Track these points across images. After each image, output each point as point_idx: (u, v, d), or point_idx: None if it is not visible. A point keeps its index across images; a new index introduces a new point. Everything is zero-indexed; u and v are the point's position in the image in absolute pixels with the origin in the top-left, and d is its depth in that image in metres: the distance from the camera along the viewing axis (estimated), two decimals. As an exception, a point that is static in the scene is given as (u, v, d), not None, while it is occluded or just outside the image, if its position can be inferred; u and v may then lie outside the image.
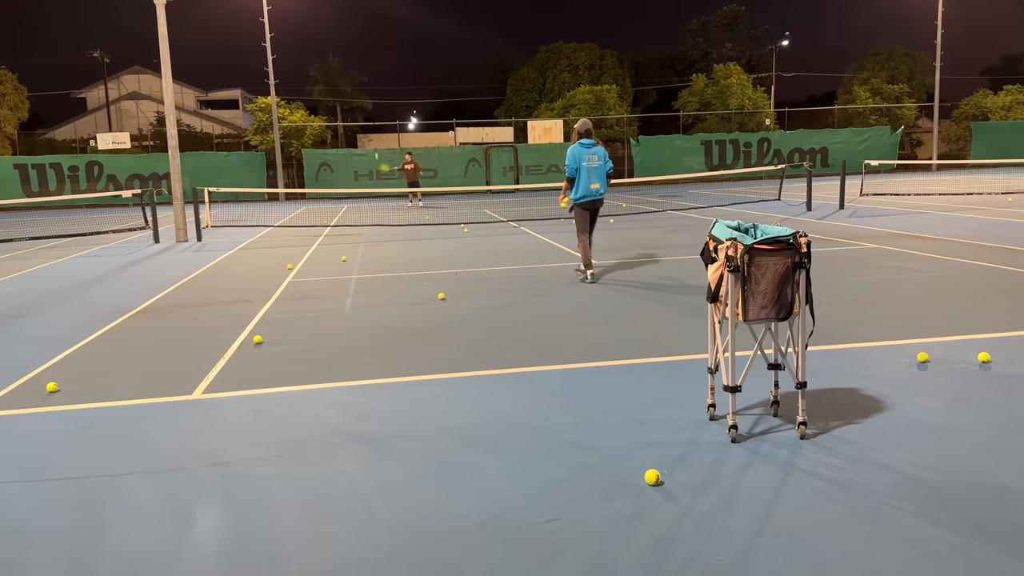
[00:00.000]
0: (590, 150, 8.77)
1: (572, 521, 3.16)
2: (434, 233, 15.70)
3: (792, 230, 3.79)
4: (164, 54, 16.11)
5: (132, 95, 52.05)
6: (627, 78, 46.65)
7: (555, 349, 5.95)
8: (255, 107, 36.01)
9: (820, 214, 16.54)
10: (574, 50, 45.57)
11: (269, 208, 28.09)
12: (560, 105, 39.32)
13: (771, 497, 3.31)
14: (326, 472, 3.77)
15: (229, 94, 56.12)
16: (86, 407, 4.92)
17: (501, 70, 53.57)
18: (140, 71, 52.89)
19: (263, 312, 7.82)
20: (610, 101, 38.36)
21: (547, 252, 11.90)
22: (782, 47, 49.66)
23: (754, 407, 4.41)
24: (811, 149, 36.99)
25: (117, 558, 3.01)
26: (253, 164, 33.84)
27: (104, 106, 48.47)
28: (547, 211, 20.56)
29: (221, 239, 15.91)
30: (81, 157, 33.09)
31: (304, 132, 35.83)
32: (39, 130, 47.97)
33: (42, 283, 10.46)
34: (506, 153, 34.81)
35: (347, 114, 50.62)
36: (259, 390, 5.16)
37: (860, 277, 8.63)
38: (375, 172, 33.83)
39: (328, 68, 49.43)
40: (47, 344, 6.72)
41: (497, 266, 10.58)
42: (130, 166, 32.68)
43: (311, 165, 33.66)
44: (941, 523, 3.03)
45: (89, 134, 41.82)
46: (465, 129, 37.52)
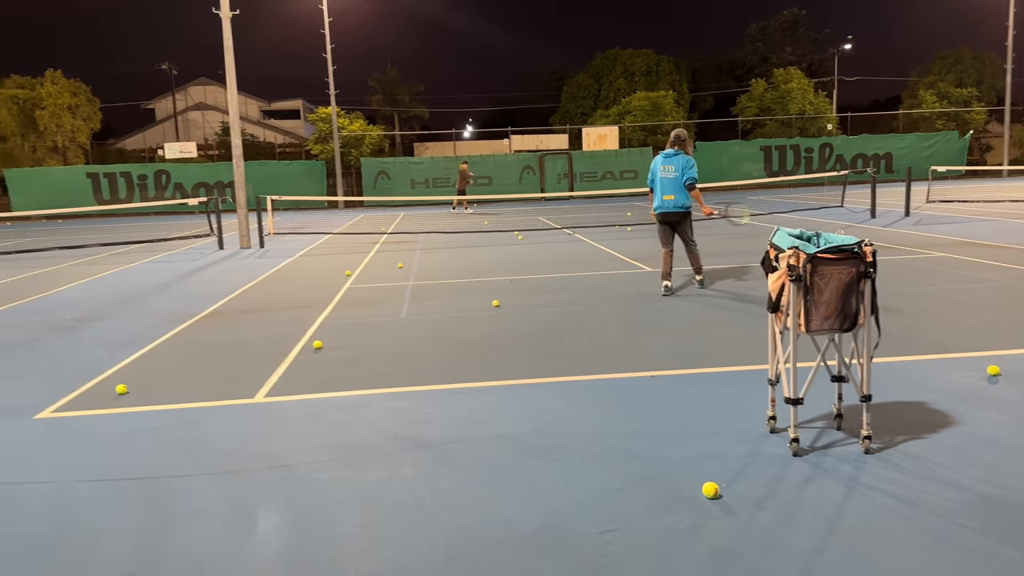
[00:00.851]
0: (669, 160, 8.55)
1: (628, 532, 3.13)
2: (488, 240, 15.77)
3: (856, 239, 3.69)
4: (229, 66, 16.57)
5: (198, 106, 53.67)
6: (684, 84, 46.16)
7: (610, 357, 5.92)
8: (316, 117, 36.74)
9: (885, 221, 16.08)
10: (630, 56, 45.31)
11: (328, 216, 28.63)
12: (615, 112, 39.13)
13: (834, 512, 3.23)
14: (383, 477, 3.82)
15: (291, 104, 57.43)
16: (153, 409, 5.08)
17: (556, 77, 53.59)
18: (206, 82, 54.51)
19: (322, 318, 7.96)
20: (666, 107, 38.00)
21: (602, 260, 11.85)
22: (844, 51, 48.52)
23: (816, 420, 4.31)
24: (875, 154, 36.00)
25: (183, 557, 3.10)
26: (313, 173, 34.53)
27: (172, 116, 50.11)
28: (602, 218, 20.48)
29: (282, 246, 16.27)
30: (150, 166, 34.22)
31: (363, 141, 36.43)
32: (110, 140, 49.84)
33: (112, 288, 10.84)
34: (560, 160, 34.77)
35: (404, 123, 51.28)
36: (318, 394, 5.26)
37: (927, 287, 8.36)
38: (431, 180, 34.15)
39: (386, 78, 50.17)
40: (117, 347, 6.97)
41: (552, 273, 10.58)
42: (196, 175, 33.66)
43: (369, 173, 34.17)
44: (1010, 542, 2.91)
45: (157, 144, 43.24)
46: (520, 136, 37.61)
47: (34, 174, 32.99)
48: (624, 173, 34.82)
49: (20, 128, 35.17)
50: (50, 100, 35.00)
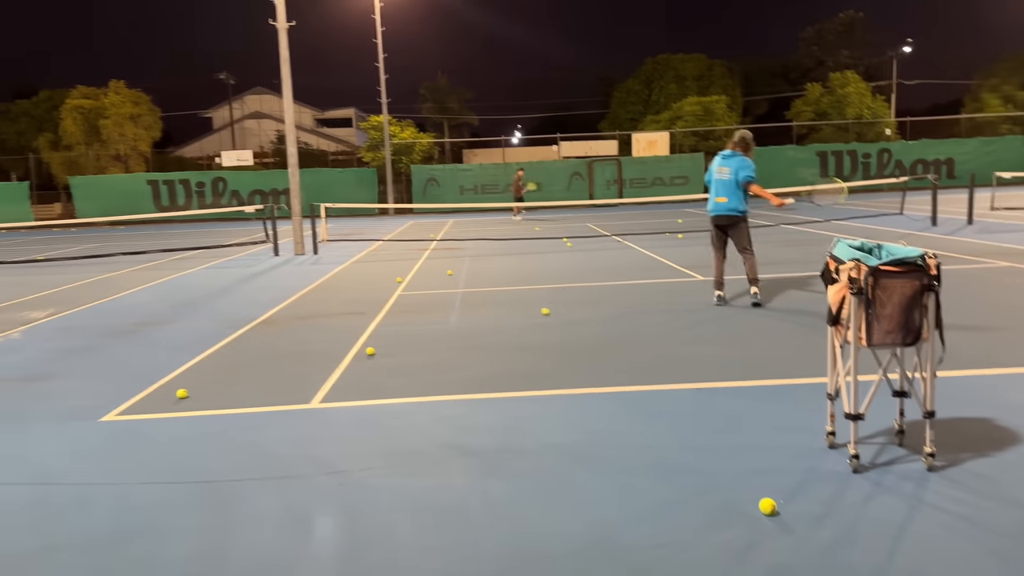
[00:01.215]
0: (726, 161, 8.33)
1: (682, 547, 3.10)
2: (537, 247, 15.79)
3: (920, 251, 3.60)
4: (285, 76, 16.93)
5: (254, 114, 54.93)
6: (737, 88, 45.57)
7: (663, 368, 5.87)
8: (368, 125, 37.28)
9: (947, 229, 15.62)
10: (681, 61, 44.93)
11: (379, 222, 29.00)
12: (666, 117, 38.83)
13: (896, 532, 3.14)
14: (435, 484, 3.85)
15: (343, 113, 58.42)
16: (213, 413, 5.21)
17: (606, 83, 53.42)
18: (262, 91, 55.79)
19: (374, 324, 8.07)
20: (719, 112, 37.56)
21: (653, 267, 11.75)
22: (903, 54, 47.33)
23: (877, 436, 4.21)
24: (936, 160, 35.01)
25: (244, 559, 3.17)
26: (365, 180, 35.02)
27: (229, 125, 51.38)
28: (652, 225, 20.32)
29: (335, 252, 16.53)
30: (207, 173, 35.12)
31: (413, 148, 36.82)
32: (169, 148, 51.33)
33: (172, 293, 11.15)
34: (609, 166, 34.63)
35: (454, 130, 51.69)
36: (372, 401, 5.33)
37: (992, 298, 8.09)
38: (480, 187, 34.33)
39: (437, 86, 50.68)
40: (177, 351, 7.16)
41: (601, 281, 10.54)
42: (252, 182, 34.44)
43: (419, 180, 34.51)
44: (1090, 570, 2.80)
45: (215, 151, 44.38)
46: (568, 143, 37.58)
47: (97, 181, 34.16)
48: (675, 179, 34.51)
49: (85, 137, 36.42)
50: (113, 110, 36.17)
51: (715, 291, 8.45)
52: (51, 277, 13.67)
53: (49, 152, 37.89)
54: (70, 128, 36.13)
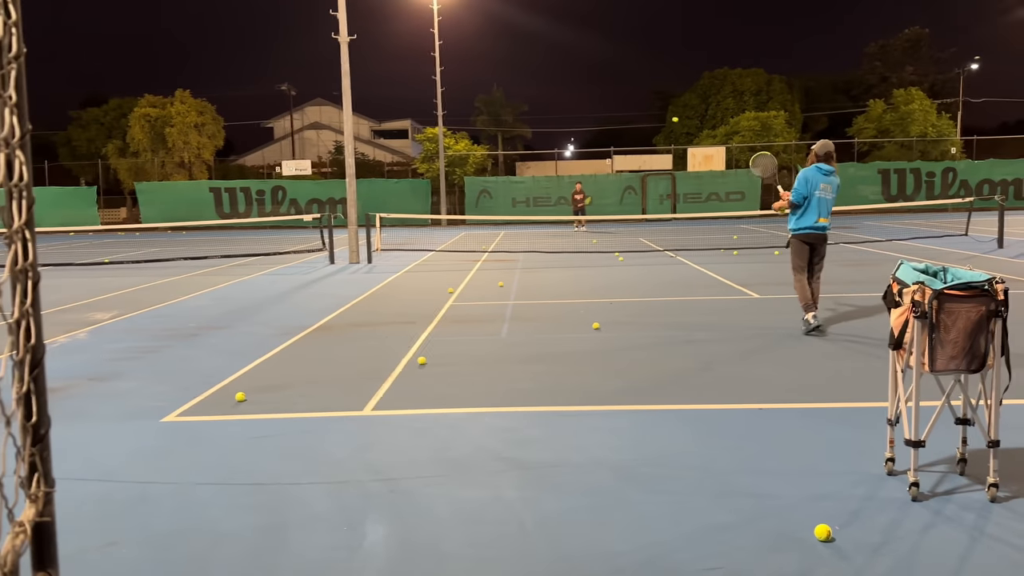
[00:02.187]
0: (827, 178, 7.59)
1: (734, 571, 3.06)
2: (588, 261, 15.75)
3: (987, 275, 3.50)
4: (345, 89, 17.27)
5: (314, 125, 56.11)
6: (796, 103, 44.86)
7: (717, 387, 5.80)
8: (423, 137, 37.76)
9: (1013, 252, 15.09)
10: (739, 76, 44.44)
11: (432, 233, 29.29)
12: (723, 132, 38.43)
13: (956, 564, 3.05)
14: (486, 496, 3.87)
15: (400, 124, 59.25)
16: (269, 417, 5.33)
17: (662, 97, 53.13)
18: (321, 103, 56.96)
19: (426, 333, 8.15)
20: (777, 127, 37.03)
21: (706, 284, 11.62)
22: (971, 71, 46.01)
23: (938, 464, 4.09)
24: (1003, 180, 33.88)
25: (297, 562, 3.23)
26: (419, 191, 35.46)
27: (289, 135, 52.58)
28: (706, 241, 20.10)
29: (389, 262, 16.76)
30: (267, 182, 35.98)
31: (467, 160, 37.15)
32: (231, 156, 52.72)
33: (232, 298, 11.44)
34: (663, 181, 34.39)
35: (507, 143, 51.99)
36: (423, 410, 5.38)
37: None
38: (532, 199, 34.45)
39: (492, 99, 51.07)
40: (235, 356, 7.35)
41: (653, 296, 10.46)
42: (310, 191, 35.16)
43: (472, 192, 34.79)
44: None
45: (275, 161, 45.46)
46: (622, 156, 37.47)
47: (162, 188, 35.28)
48: (730, 195, 34.08)
49: (151, 144, 37.66)
50: (179, 118, 37.34)
51: (807, 314, 7.67)
52: (116, 280, 14.16)
53: (117, 159, 39.26)
54: (137, 135, 37.40)
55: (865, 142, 38.48)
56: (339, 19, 16.99)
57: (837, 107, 49.18)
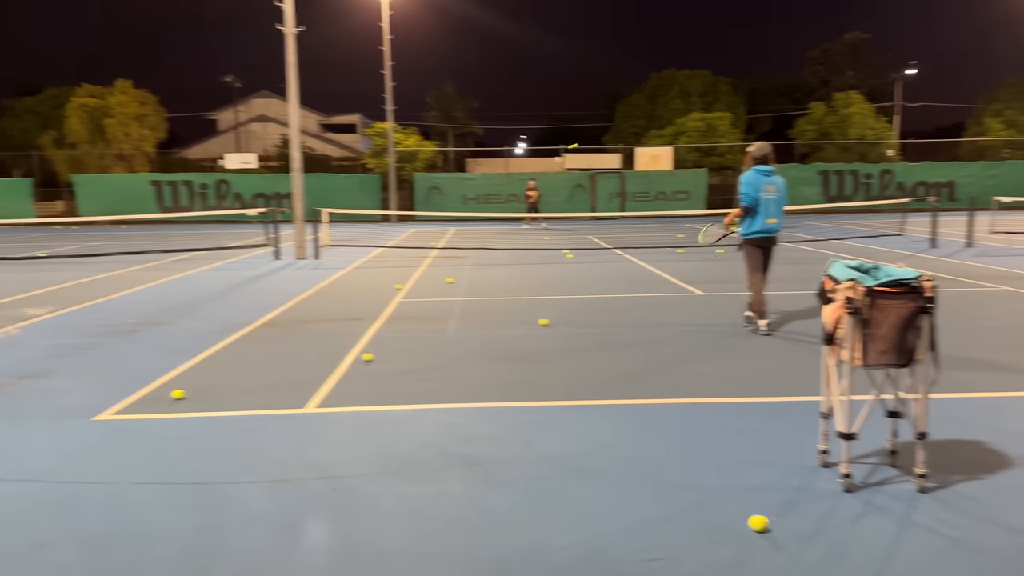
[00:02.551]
0: (769, 178, 7.60)
1: (672, 563, 3.11)
2: (538, 258, 15.81)
3: (916, 272, 3.63)
4: (291, 81, 17.00)
5: (259, 118, 55.08)
6: (741, 105, 45.75)
7: (660, 382, 5.88)
8: (372, 132, 37.40)
9: (946, 252, 15.66)
10: (686, 77, 45.12)
11: (381, 229, 29.04)
12: (670, 132, 38.96)
13: (885, 552, 3.15)
14: (430, 492, 3.85)
15: (349, 119, 58.57)
16: (209, 415, 5.22)
17: (611, 97, 53.63)
18: (267, 95, 55.94)
19: (373, 331, 8.08)
20: (722, 129, 37.69)
21: (653, 281, 11.78)
22: (908, 76, 47.53)
23: (869, 456, 4.22)
24: (937, 182, 35.10)
25: (233, 563, 3.17)
26: (368, 186, 35.10)
27: (234, 128, 51.55)
28: (653, 239, 20.36)
29: (336, 258, 16.56)
30: (211, 175, 35.18)
31: (417, 156, 36.93)
32: (174, 149, 51.41)
33: (173, 294, 11.17)
34: (612, 180, 34.72)
35: (458, 139, 51.85)
36: (368, 407, 5.34)
37: (988, 321, 8.11)
38: (483, 196, 34.44)
39: (443, 95, 50.87)
40: (174, 353, 7.18)
41: (601, 293, 10.55)
42: (255, 185, 34.50)
43: (422, 188, 34.61)
44: (1078, 596, 2.81)
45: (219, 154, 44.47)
46: (572, 155, 37.69)
47: (101, 180, 34.23)
48: (677, 194, 34.58)
49: (89, 135, 36.48)
50: (119, 109, 36.25)
51: (760, 321, 7.70)
52: (51, 274, 13.70)
53: (53, 150, 37.96)
54: (75, 126, 36.20)
55: (806, 144, 39.44)
56: (284, 10, 16.71)
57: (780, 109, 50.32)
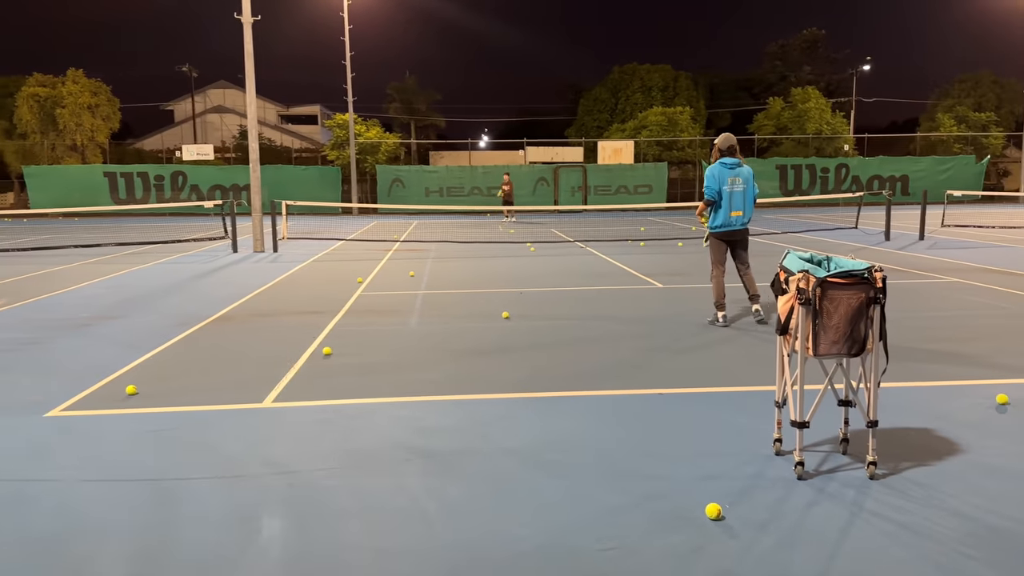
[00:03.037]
0: (734, 171, 7.58)
1: (629, 551, 3.14)
2: (501, 251, 15.81)
3: (867, 263, 3.70)
4: (249, 71, 16.73)
5: (217, 108, 54.12)
6: (701, 100, 46.22)
7: (620, 374, 5.92)
8: (333, 123, 37.00)
9: (899, 244, 16.02)
10: (648, 71, 45.44)
11: (342, 221, 28.78)
12: (632, 126, 39.20)
13: (836, 538, 3.22)
14: (389, 486, 3.83)
15: (309, 110, 57.84)
16: (163, 411, 5.13)
17: (574, 90, 53.77)
18: (225, 85, 54.98)
19: (333, 324, 8.01)
20: (683, 123, 38.04)
21: (615, 274, 11.85)
22: (863, 72, 48.45)
23: (822, 444, 4.30)
24: (891, 177, 35.90)
25: (185, 560, 3.12)
26: (328, 178, 34.74)
27: (191, 118, 50.57)
28: (615, 232, 20.49)
29: (296, 251, 16.37)
30: (167, 167, 34.53)
31: (379, 148, 36.63)
32: (128, 140, 50.28)
33: (127, 288, 10.94)
34: (575, 173, 34.85)
35: (420, 131, 51.53)
36: (327, 401, 5.29)
37: (938, 312, 8.32)
38: (445, 189, 34.31)
39: (404, 87, 50.45)
40: (129, 347, 7.03)
41: (563, 286, 10.59)
42: (213, 177, 33.94)
43: (384, 181, 34.36)
44: (1013, 574, 2.90)
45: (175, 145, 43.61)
46: (535, 148, 37.72)
47: (53, 172, 33.36)
48: (639, 187, 34.84)
49: (40, 126, 35.52)
50: (71, 99, 35.34)
51: (718, 312, 7.78)
52: (1, 268, 13.31)
53: (3, 140, 36.88)
54: (25, 116, 35.21)
55: (764, 138, 40.00)
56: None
57: (739, 104, 50.95)
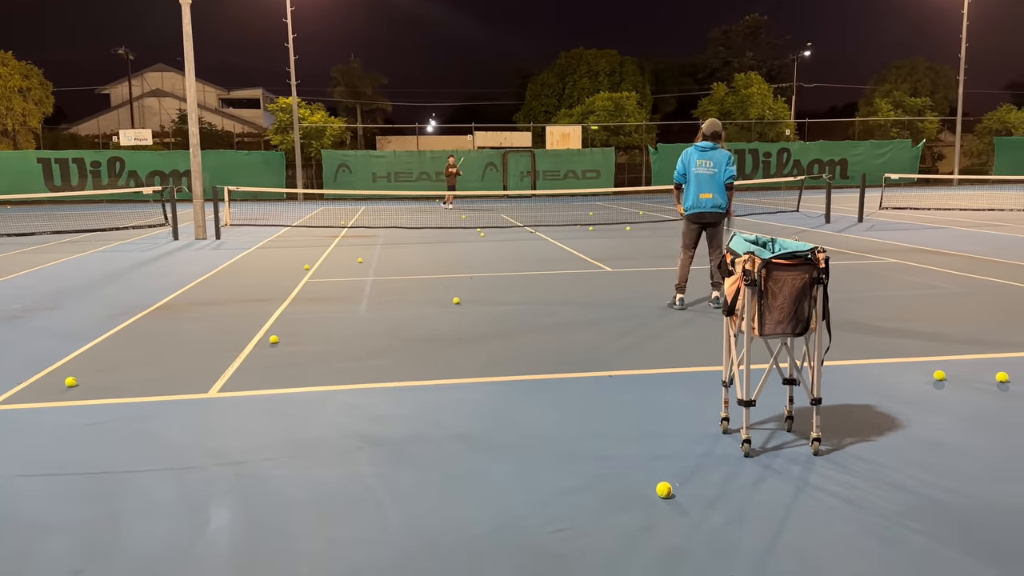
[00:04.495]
0: (705, 154, 7.55)
1: (581, 532, 3.16)
2: (450, 236, 15.74)
3: (810, 245, 3.78)
4: (188, 53, 16.26)
5: (155, 92, 52.59)
6: (647, 85, 46.61)
7: (570, 357, 5.96)
8: (276, 107, 36.27)
9: (838, 227, 16.44)
10: (594, 56, 45.59)
11: (287, 207, 28.28)
12: (579, 111, 39.33)
13: (782, 513, 3.30)
14: (340, 475, 3.79)
15: (251, 93, 56.59)
16: (104, 403, 4.98)
17: (521, 75, 53.67)
18: (164, 68, 53.43)
19: (279, 312, 7.87)
20: (629, 108, 38.32)
21: (564, 258, 11.91)
22: (804, 58, 49.44)
23: (768, 422, 4.40)
24: (831, 161, 36.78)
25: (131, 554, 3.04)
26: (272, 163, 34.08)
27: (128, 102, 48.99)
28: (564, 217, 20.57)
29: (239, 238, 16.03)
30: (103, 153, 33.43)
31: (324, 133, 36.05)
32: (62, 125, 48.54)
33: (63, 277, 10.58)
34: (524, 158, 34.84)
35: (367, 116, 50.86)
36: (274, 390, 5.20)
37: (877, 292, 8.57)
38: (393, 174, 33.96)
39: (349, 70, 49.68)
40: (66, 338, 6.80)
41: (513, 271, 10.60)
42: (151, 163, 32.99)
43: (330, 166, 33.86)
44: (955, 546, 3.01)
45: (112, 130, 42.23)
46: (483, 133, 37.59)
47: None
48: (587, 172, 35.02)
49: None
50: (0, 83, 33.92)
51: (677, 294, 7.80)
52: (-75, 259, 12.74)
53: (-74, 125, 35.25)
54: (-50, 100, 33.70)
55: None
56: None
57: (684, 89, 51.54)
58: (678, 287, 7.81)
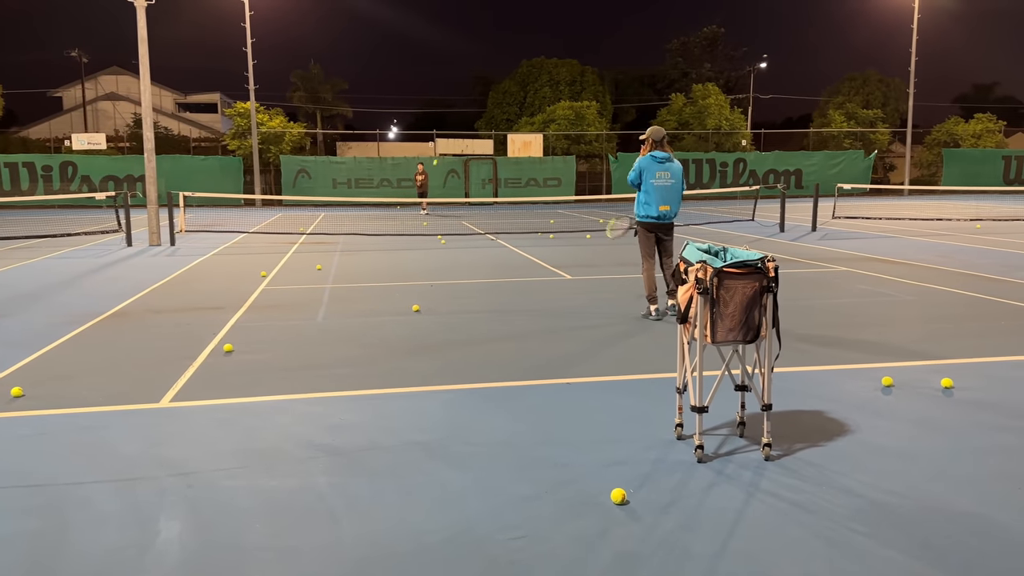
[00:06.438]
0: (663, 166, 7.55)
1: (537, 539, 3.18)
2: (411, 244, 15.69)
3: (761, 254, 3.86)
4: (143, 56, 15.99)
5: (110, 96, 51.52)
6: (607, 95, 46.98)
7: (526, 364, 5.98)
8: (234, 112, 35.79)
9: (792, 236, 16.76)
10: (555, 65, 45.83)
11: (245, 213, 27.89)
12: (540, 120, 39.52)
13: (734, 518, 3.35)
14: (293, 485, 3.76)
15: (208, 98, 55.75)
16: (51, 413, 4.86)
17: (483, 83, 53.73)
18: (118, 72, 52.38)
19: (235, 320, 7.77)
20: (589, 117, 38.62)
21: (524, 266, 11.95)
22: (760, 69, 50.36)
23: (721, 427, 4.47)
24: (786, 171, 37.49)
25: (78, 567, 2.98)
26: (230, 169, 33.60)
27: (80, 106, 47.92)
28: (525, 225, 20.64)
29: (195, 244, 15.77)
30: (55, 157, 32.65)
31: (283, 138, 35.67)
32: (13, 128, 47.25)
33: (11, 284, 10.30)
34: (485, 166, 34.89)
35: (327, 121, 50.43)
36: (228, 399, 5.13)
37: (829, 300, 8.76)
38: (353, 181, 33.73)
39: (309, 75, 49.22)
40: (13, 347, 6.63)
41: (473, 279, 10.61)
42: (105, 167, 32.30)
43: (289, 172, 33.50)
44: (897, 546, 3.09)
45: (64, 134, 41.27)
46: (445, 140, 37.55)
47: (-74, 161, 31.00)
48: (548, 180, 35.19)
49: (-89, 112, 32.99)
50: (-55, 83, 32.95)
51: (650, 305, 7.77)
52: None
53: None
54: None
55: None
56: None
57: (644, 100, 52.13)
58: (650, 298, 7.79)
